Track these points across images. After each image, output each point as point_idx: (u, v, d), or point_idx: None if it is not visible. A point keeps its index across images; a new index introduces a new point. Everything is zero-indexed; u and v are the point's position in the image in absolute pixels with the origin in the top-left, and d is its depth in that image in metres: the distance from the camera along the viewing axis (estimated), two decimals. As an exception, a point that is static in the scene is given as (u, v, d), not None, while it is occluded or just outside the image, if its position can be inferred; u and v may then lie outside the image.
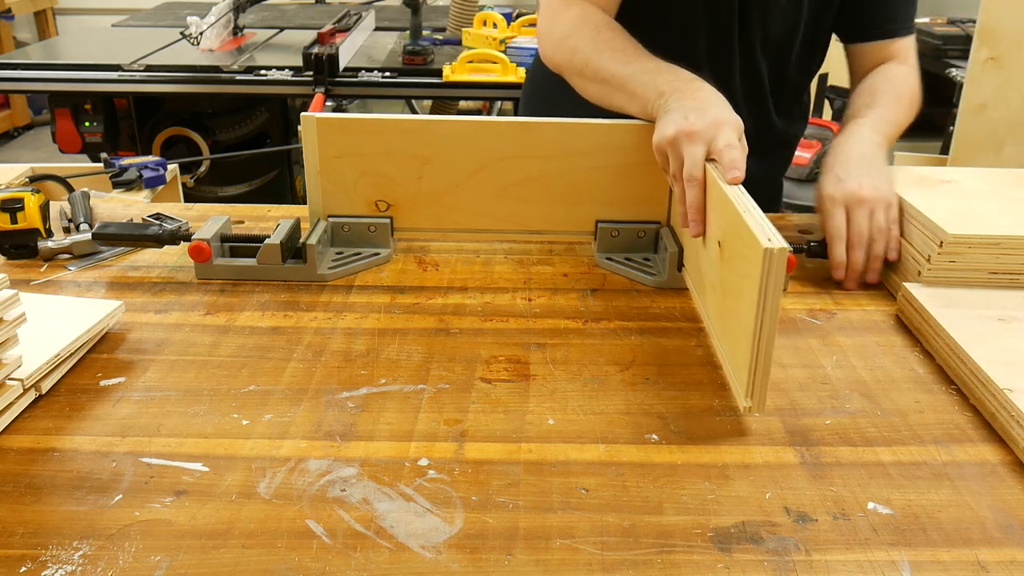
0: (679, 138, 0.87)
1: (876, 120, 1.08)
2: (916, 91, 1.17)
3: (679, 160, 0.88)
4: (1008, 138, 2.21)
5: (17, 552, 0.58)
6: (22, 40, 5.18)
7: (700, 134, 0.86)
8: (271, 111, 2.84)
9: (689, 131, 0.86)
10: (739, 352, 0.74)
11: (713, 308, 0.85)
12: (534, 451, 0.69)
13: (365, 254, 1.04)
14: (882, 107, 1.10)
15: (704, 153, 0.86)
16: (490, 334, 0.88)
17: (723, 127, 0.86)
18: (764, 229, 0.70)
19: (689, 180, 0.86)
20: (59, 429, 0.71)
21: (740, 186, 0.81)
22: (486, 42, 2.78)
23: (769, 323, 0.68)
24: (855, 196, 0.97)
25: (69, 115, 2.58)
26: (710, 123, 0.86)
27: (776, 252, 0.67)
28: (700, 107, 0.88)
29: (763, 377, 0.70)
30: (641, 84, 0.97)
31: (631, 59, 1.00)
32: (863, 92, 1.15)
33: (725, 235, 0.80)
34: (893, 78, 1.16)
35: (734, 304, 0.76)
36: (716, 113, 0.87)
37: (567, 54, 1.08)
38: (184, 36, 2.78)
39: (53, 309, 0.84)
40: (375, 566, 0.57)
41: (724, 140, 0.85)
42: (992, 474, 0.68)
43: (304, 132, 1.00)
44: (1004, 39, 2.12)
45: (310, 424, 0.72)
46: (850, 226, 0.97)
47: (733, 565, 0.58)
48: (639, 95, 0.97)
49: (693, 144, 0.86)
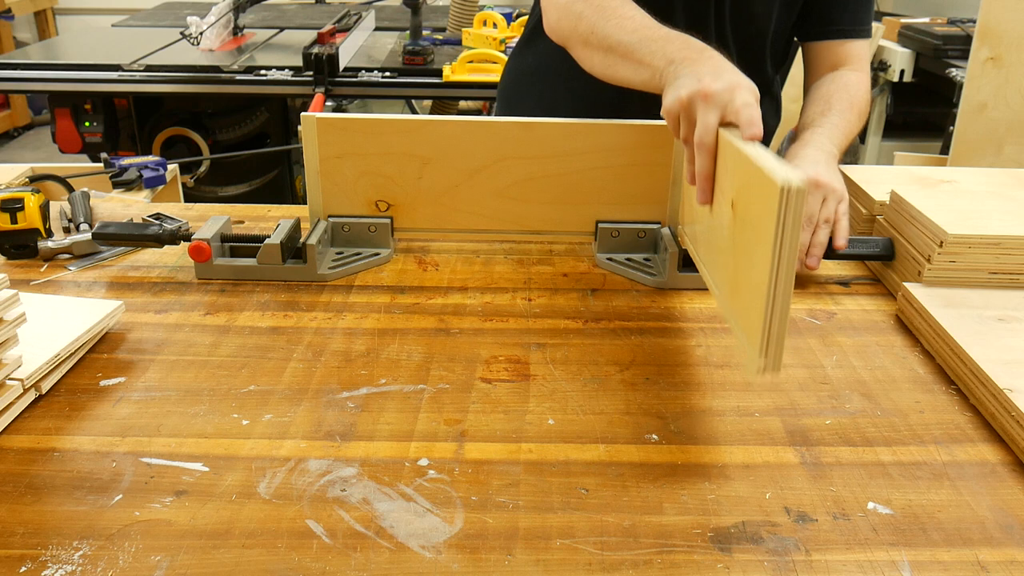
0: (695, 99, 0.84)
1: (831, 130, 1.09)
2: (867, 99, 1.19)
3: (691, 124, 0.85)
4: (1008, 138, 2.20)
5: (17, 552, 0.58)
6: (22, 40, 5.18)
7: (716, 96, 0.83)
8: (271, 111, 2.84)
9: (705, 92, 0.83)
10: (752, 309, 0.68)
11: (724, 273, 0.80)
12: (534, 451, 0.69)
13: (365, 254, 1.04)
14: (836, 116, 1.12)
15: (717, 119, 0.83)
16: (490, 334, 0.88)
17: (739, 89, 0.83)
18: (780, 169, 0.64)
19: (700, 146, 0.84)
20: (59, 429, 0.71)
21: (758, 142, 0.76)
22: (486, 42, 2.78)
23: (786, 268, 0.63)
24: (813, 180, 0.98)
25: (69, 115, 2.58)
26: (726, 86, 0.83)
27: (794, 189, 0.61)
28: (714, 71, 0.86)
29: (779, 331, 0.64)
30: (650, 52, 0.94)
31: (639, 26, 0.98)
32: (818, 99, 1.17)
33: (738, 193, 0.75)
34: (847, 86, 1.17)
35: (746, 264, 0.71)
36: (731, 77, 0.85)
37: (572, 20, 1.05)
38: (184, 36, 2.78)
39: (53, 309, 0.84)
40: (375, 566, 0.57)
41: (741, 99, 0.82)
42: (992, 474, 0.68)
43: (304, 132, 1.00)
44: (1004, 39, 2.12)
45: (310, 424, 0.72)
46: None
47: (733, 565, 0.58)
48: (647, 63, 0.94)
49: (708, 107, 0.83)
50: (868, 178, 1.13)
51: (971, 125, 2.21)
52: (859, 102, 1.17)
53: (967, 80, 2.18)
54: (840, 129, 1.11)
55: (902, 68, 2.86)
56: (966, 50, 2.31)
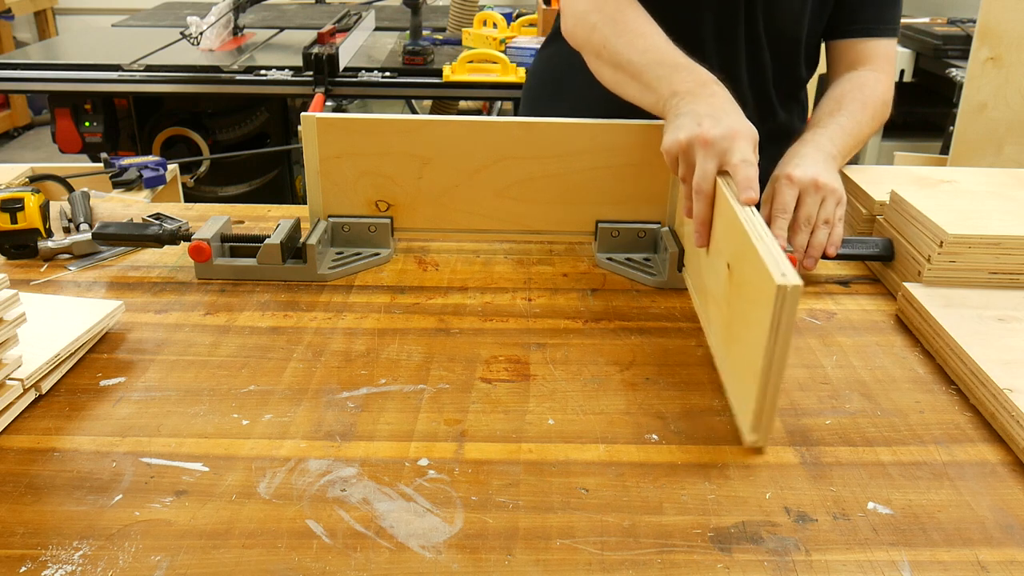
0: (693, 145, 0.85)
1: (836, 131, 1.06)
2: (886, 100, 1.16)
3: (689, 167, 0.86)
4: (1008, 138, 2.20)
5: (17, 552, 0.58)
6: (22, 40, 5.18)
7: (714, 144, 0.83)
8: (271, 111, 2.84)
9: (704, 139, 0.83)
10: (745, 383, 0.71)
11: (717, 321, 0.82)
12: (534, 451, 0.69)
13: (365, 254, 1.04)
14: (845, 116, 1.09)
15: (716, 166, 0.83)
16: (490, 334, 0.88)
17: (738, 139, 0.83)
18: (777, 262, 0.66)
19: (698, 193, 0.84)
20: (59, 429, 0.71)
21: (753, 208, 0.77)
22: (486, 42, 2.78)
23: (779, 359, 0.66)
24: (812, 181, 0.96)
25: (69, 115, 2.58)
26: (725, 133, 0.83)
27: (790, 289, 0.63)
28: (714, 113, 0.86)
29: (770, 412, 0.68)
30: (656, 77, 0.95)
31: (649, 47, 0.98)
32: (832, 99, 1.14)
33: (735, 259, 0.76)
34: (862, 86, 1.14)
35: (742, 332, 0.73)
36: (731, 123, 0.85)
37: (587, 31, 1.05)
38: (184, 36, 2.78)
39: (53, 309, 0.84)
40: (375, 566, 0.57)
41: (740, 154, 0.82)
42: (992, 474, 0.68)
43: (304, 132, 1.00)
44: (1004, 39, 2.12)
45: (310, 424, 0.72)
46: (799, 208, 0.96)
47: (733, 565, 0.58)
48: (652, 88, 0.95)
49: (706, 155, 0.83)
50: (868, 178, 1.13)
51: (971, 125, 2.21)
52: (874, 103, 1.13)
53: (967, 80, 2.18)
54: (846, 130, 1.08)
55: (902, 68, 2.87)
56: (966, 50, 2.31)
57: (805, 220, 0.96)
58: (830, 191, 0.97)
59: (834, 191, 0.97)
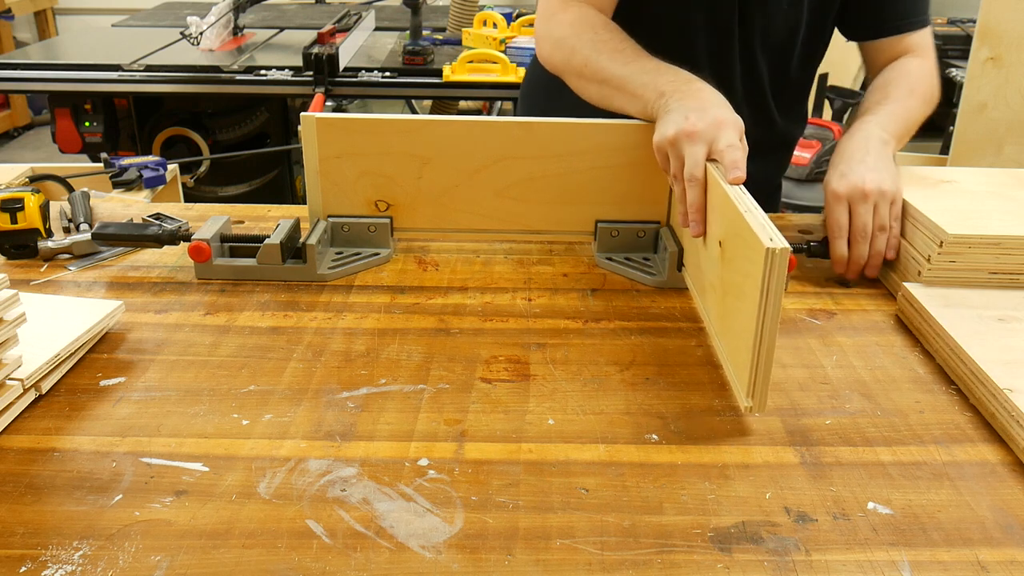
0: (680, 138, 0.87)
1: (885, 117, 1.06)
2: (933, 83, 1.15)
3: (679, 160, 0.88)
4: (1008, 138, 2.20)
5: (17, 552, 0.58)
6: (22, 40, 5.18)
7: (701, 134, 0.86)
8: (271, 111, 2.85)
9: (690, 131, 0.86)
10: (740, 352, 0.74)
11: (713, 308, 0.85)
12: (534, 451, 0.69)
13: (365, 254, 1.04)
14: (893, 103, 1.08)
15: (705, 153, 0.86)
16: (490, 334, 0.88)
17: (724, 127, 0.86)
18: (766, 229, 0.70)
19: (690, 180, 0.86)
20: (59, 429, 0.71)
21: (741, 186, 0.81)
22: (486, 42, 2.78)
23: (770, 323, 0.69)
24: (859, 191, 0.96)
25: (69, 115, 2.58)
26: (711, 123, 0.86)
27: (778, 252, 0.67)
28: (701, 107, 0.88)
29: (764, 377, 0.71)
30: (641, 84, 0.97)
31: (630, 59, 1.00)
32: (876, 88, 1.13)
33: (726, 235, 0.79)
34: (908, 72, 1.14)
35: (735, 304, 0.76)
36: (717, 113, 0.87)
37: (565, 55, 1.07)
38: (184, 36, 2.78)
39: (53, 309, 0.84)
40: (375, 566, 0.57)
41: (726, 140, 0.84)
42: (992, 474, 0.68)
43: (304, 132, 1.00)
44: (1004, 39, 2.12)
45: (310, 424, 0.72)
46: (853, 220, 0.97)
47: (733, 565, 0.58)
48: (639, 95, 0.97)
49: (694, 144, 0.86)
50: (868, 178, 1.13)
51: (971, 125, 2.21)
52: (922, 87, 1.12)
53: (967, 80, 2.18)
54: (897, 115, 1.07)
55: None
56: (966, 50, 2.31)
57: (861, 232, 0.96)
58: (879, 195, 0.96)
59: (883, 194, 0.96)
